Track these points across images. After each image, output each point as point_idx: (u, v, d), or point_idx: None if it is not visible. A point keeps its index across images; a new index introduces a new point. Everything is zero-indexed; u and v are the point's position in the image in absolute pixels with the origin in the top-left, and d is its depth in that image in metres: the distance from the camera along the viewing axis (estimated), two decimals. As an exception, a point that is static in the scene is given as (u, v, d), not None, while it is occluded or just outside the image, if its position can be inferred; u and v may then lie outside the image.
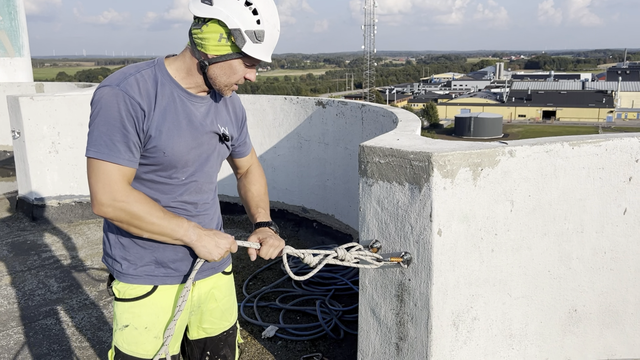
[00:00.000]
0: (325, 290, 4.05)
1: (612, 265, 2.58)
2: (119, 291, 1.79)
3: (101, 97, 1.60)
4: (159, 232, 1.66)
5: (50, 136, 5.73)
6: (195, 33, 1.65)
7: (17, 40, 10.45)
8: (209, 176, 1.85)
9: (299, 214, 5.63)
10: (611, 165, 2.47)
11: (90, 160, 1.61)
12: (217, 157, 1.86)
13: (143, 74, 1.66)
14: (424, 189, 2.14)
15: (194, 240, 1.70)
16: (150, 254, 1.76)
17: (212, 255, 1.74)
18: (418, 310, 2.26)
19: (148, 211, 1.63)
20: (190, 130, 1.72)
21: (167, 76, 1.69)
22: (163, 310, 1.79)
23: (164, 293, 1.79)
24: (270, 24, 1.64)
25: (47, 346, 3.39)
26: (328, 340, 3.45)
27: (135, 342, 1.78)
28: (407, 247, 2.25)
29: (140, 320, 1.77)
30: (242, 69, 1.69)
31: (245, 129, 2.01)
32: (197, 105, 1.75)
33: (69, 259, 4.83)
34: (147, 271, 1.77)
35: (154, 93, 1.65)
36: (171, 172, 1.72)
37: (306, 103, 5.35)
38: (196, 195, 1.81)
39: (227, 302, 2.01)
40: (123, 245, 1.77)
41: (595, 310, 2.62)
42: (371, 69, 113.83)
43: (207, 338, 1.98)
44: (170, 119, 1.67)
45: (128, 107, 1.59)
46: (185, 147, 1.71)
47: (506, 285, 2.38)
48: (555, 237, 2.44)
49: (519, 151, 2.28)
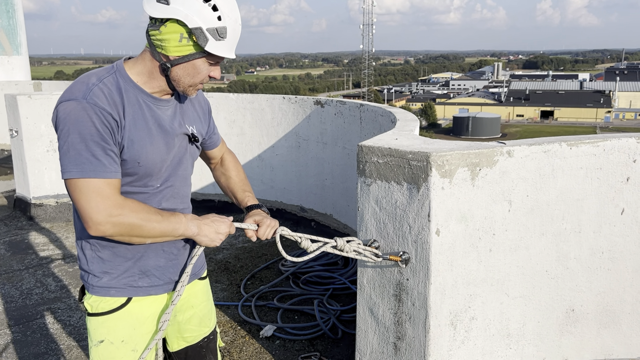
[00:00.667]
0: (323, 290, 4.05)
1: (609, 265, 2.59)
2: (90, 306, 1.72)
3: (69, 113, 1.51)
4: (160, 234, 1.62)
5: (48, 135, 5.72)
6: (154, 34, 1.57)
7: (15, 38, 10.43)
8: (184, 179, 1.81)
9: (297, 214, 5.63)
10: (609, 166, 2.48)
11: (73, 181, 1.51)
12: (189, 158, 1.82)
13: (106, 82, 1.57)
14: (422, 188, 2.14)
15: (196, 233, 1.68)
16: (133, 264, 1.72)
17: (214, 242, 1.72)
18: (416, 310, 2.27)
19: (146, 218, 1.58)
20: (162, 135, 1.67)
21: (130, 82, 1.62)
22: (138, 321, 1.74)
23: (139, 303, 1.74)
24: (231, 19, 1.58)
25: (44, 345, 3.38)
26: (326, 340, 3.45)
27: (112, 357, 1.73)
28: (405, 247, 2.25)
29: (115, 333, 1.71)
30: (206, 67, 1.63)
31: (212, 120, 1.96)
32: (163, 109, 1.69)
33: (67, 257, 4.83)
34: (129, 283, 1.72)
35: (121, 101, 1.58)
36: (146, 180, 1.67)
37: (304, 102, 5.35)
38: (174, 201, 1.77)
39: (205, 308, 1.96)
40: (102, 259, 1.70)
41: (593, 310, 2.62)
42: (369, 69, 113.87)
43: (188, 347, 1.93)
44: (141, 127, 1.61)
45: (101, 119, 1.51)
46: (159, 154, 1.66)
47: (504, 285, 2.39)
48: (553, 237, 2.45)
49: (517, 151, 2.28)
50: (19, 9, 10.53)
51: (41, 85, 9.28)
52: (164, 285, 1.78)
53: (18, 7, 10.47)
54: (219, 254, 4.87)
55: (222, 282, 4.31)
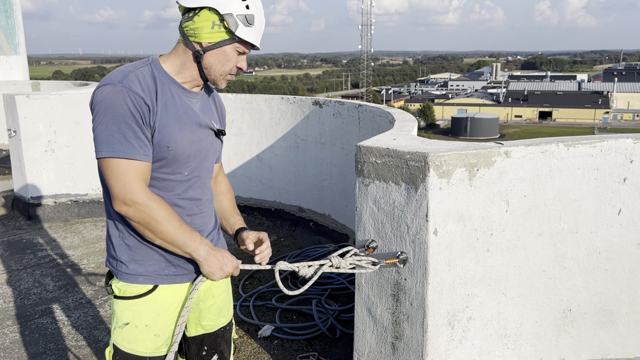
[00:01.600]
0: (322, 290, 4.06)
1: (606, 265, 2.60)
2: (119, 289, 1.79)
3: (105, 96, 1.61)
4: (171, 241, 1.67)
5: (47, 135, 5.72)
6: (187, 25, 1.69)
7: (14, 38, 10.42)
8: (209, 171, 1.88)
9: (295, 214, 5.63)
10: (606, 166, 2.49)
11: (105, 160, 1.61)
12: (214, 152, 1.89)
13: (142, 70, 1.68)
14: (420, 189, 2.15)
15: (202, 258, 1.73)
16: (159, 253, 1.78)
17: (214, 276, 1.76)
18: (414, 310, 2.27)
19: (166, 218, 1.65)
20: (190, 124, 1.75)
21: (164, 73, 1.72)
22: (163, 307, 1.80)
23: (165, 291, 1.80)
24: (258, 9, 1.71)
25: (43, 345, 3.38)
26: (324, 340, 3.45)
27: (135, 339, 1.79)
28: (403, 247, 2.26)
29: (141, 318, 1.78)
30: (235, 56, 1.73)
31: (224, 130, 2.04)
32: (193, 100, 1.78)
33: (65, 257, 4.83)
34: (157, 270, 1.78)
35: (154, 89, 1.67)
36: (174, 167, 1.73)
37: (303, 103, 5.36)
38: (200, 191, 1.83)
39: (224, 299, 2.03)
40: (129, 246, 1.76)
41: (590, 310, 2.63)
42: (368, 69, 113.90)
43: (205, 334, 2.00)
44: (172, 114, 1.70)
45: (134, 103, 1.60)
46: (187, 141, 1.73)
47: (501, 285, 2.40)
48: (550, 237, 2.46)
49: (514, 152, 2.29)
50: (18, 9, 10.52)
51: (39, 85, 9.27)
52: (189, 274, 1.83)
53: (16, 7, 10.47)
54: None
55: (220, 282, 4.32)
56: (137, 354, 1.80)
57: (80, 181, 5.92)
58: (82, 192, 5.96)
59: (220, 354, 2.05)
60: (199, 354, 2.02)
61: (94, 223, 5.80)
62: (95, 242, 5.20)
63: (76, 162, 5.85)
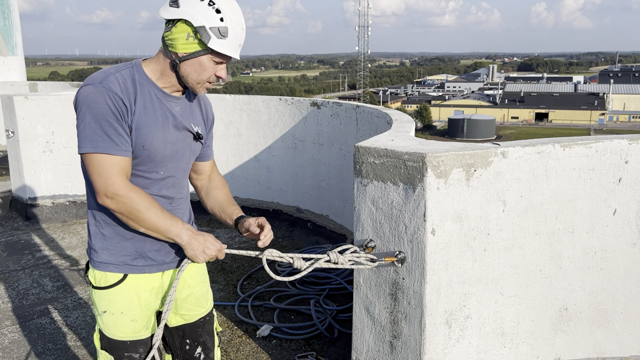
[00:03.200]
0: (320, 290, 4.08)
1: (602, 264, 2.62)
2: (94, 279, 1.90)
3: (86, 95, 1.71)
4: (154, 229, 1.78)
5: (45, 135, 5.73)
6: (166, 35, 1.78)
7: (11, 39, 10.42)
8: (185, 172, 1.97)
9: (293, 214, 5.65)
10: (601, 167, 2.51)
11: (88, 155, 1.72)
12: (191, 154, 1.97)
13: (122, 73, 1.78)
14: (418, 189, 2.17)
15: (185, 242, 1.82)
16: (132, 245, 1.88)
17: (198, 259, 1.84)
18: (412, 309, 2.29)
19: (148, 207, 1.75)
20: (167, 126, 1.84)
21: (145, 76, 1.82)
22: (136, 295, 1.91)
23: (135, 280, 1.90)
24: (233, 21, 1.76)
25: (41, 345, 3.39)
26: (322, 339, 3.47)
27: (114, 326, 1.91)
28: (401, 247, 2.28)
29: (115, 306, 1.89)
30: (212, 66, 1.80)
31: (211, 133, 2.12)
32: (172, 104, 1.87)
33: (63, 258, 4.83)
34: (126, 261, 1.89)
35: (134, 91, 1.77)
36: (150, 166, 1.84)
37: (301, 104, 5.38)
38: (173, 190, 1.93)
39: (201, 289, 2.10)
40: (104, 235, 1.88)
41: (586, 309, 2.66)
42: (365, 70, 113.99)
43: (185, 325, 2.08)
44: (149, 115, 1.80)
45: (114, 102, 1.71)
46: (162, 142, 1.83)
47: (498, 284, 2.42)
48: (546, 237, 2.48)
49: (511, 152, 2.31)
50: (15, 10, 10.51)
51: (37, 86, 9.27)
52: (158, 265, 1.94)
53: (14, 8, 10.46)
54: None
55: (218, 282, 4.33)
56: (119, 338, 1.92)
57: (78, 182, 5.92)
58: (80, 192, 5.96)
59: (204, 346, 2.11)
60: (182, 347, 2.10)
61: (92, 224, 5.81)
62: (93, 243, 5.21)
63: (74, 162, 5.85)
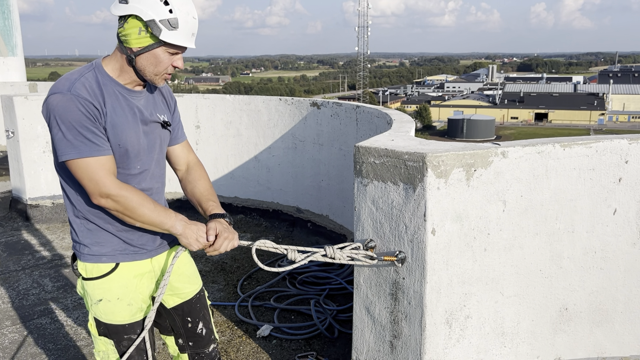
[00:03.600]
0: (320, 290, 4.08)
1: (602, 264, 2.62)
2: (85, 271, 1.97)
3: (56, 104, 1.75)
4: (149, 222, 1.86)
5: (45, 136, 5.73)
6: (120, 31, 1.84)
7: (11, 39, 10.42)
8: (158, 162, 2.05)
9: (293, 214, 5.65)
10: (601, 166, 2.52)
11: (73, 162, 1.77)
12: (162, 144, 2.05)
13: (87, 77, 1.82)
14: (418, 189, 2.18)
15: (179, 232, 1.90)
16: (117, 236, 1.96)
17: (192, 247, 1.93)
18: (412, 309, 2.30)
19: (141, 203, 1.83)
20: (137, 121, 1.91)
21: (107, 76, 1.87)
22: (129, 280, 1.99)
23: (127, 267, 1.99)
24: (182, 11, 1.80)
25: (42, 345, 3.39)
26: (322, 339, 3.47)
27: (111, 312, 1.99)
28: (402, 247, 2.28)
29: (111, 293, 1.97)
30: (168, 57, 1.85)
31: (176, 115, 2.16)
32: (137, 98, 1.94)
33: (63, 258, 4.83)
34: (118, 249, 1.97)
35: (100, 93, 1.82)
36: (127, 163, 1.91)
37: (301, 104, 5.38)
38: (150, 182, 2.01)
39: (190, 268, 2.22)
40: (90, 230, 1.95)
41: (586, 309, 2.66)
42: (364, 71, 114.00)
43: (183, 303, 2.17)
44: (119, 114, 1.86)
45: (86, 108, 1.76)
46: (136, 137, 1.90)
47: (498, 284, 2.42)
48: (546, 237, 2.48)
49: (511, 152, 2.32)
50: (15, 10, 10.51)
51: (37, 86, 9.27)
52: (147, 252, 2.03)
53: (14, 8, 10.46)
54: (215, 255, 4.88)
55: (218, 282, 4.33)
56: (117, 323, 2.00)
57: (78, 182, 5.92)
58: (80, 193, 5.96)
59: (204, 320, 2.23)
60: (184, 326, 2.19)
61: (91, 224, 5.81)
62: (93, 243, 5.21)
63: (74, 163, 5.85)
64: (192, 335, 2.21)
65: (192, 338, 2.21)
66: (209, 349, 2.26)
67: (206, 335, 2.23)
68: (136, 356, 2.06)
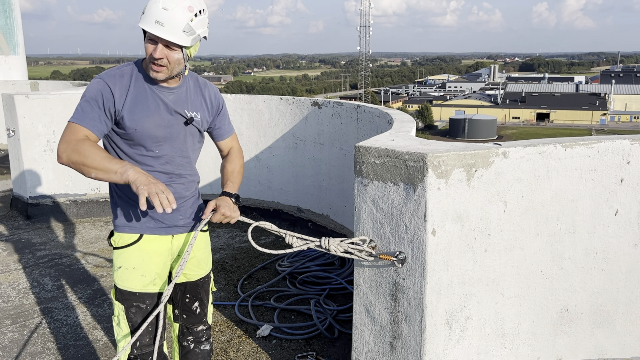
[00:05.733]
0: (320, 290, 4.07)
1: (603, 265, 2.61)
2: (114, 241, 2.24)
3: (89, 85, 2.10)
4: (102, 169, 1.96)
5: (46, 134, 5.73)
6: None
7: (12, 38, 10.41)
8: (180, 150, 2.22)
9: (294, 214, 5.64)
10: (603, 167, 2.51)
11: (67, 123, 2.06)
12: (186, 135, 2.23)
13: (122, 69, 2.12)
14: (419, 189, 2.17)
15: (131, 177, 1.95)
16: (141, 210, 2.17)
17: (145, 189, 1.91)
18: (412, 309, 2.29)
19: (92, 151, 1.97)
20: (158, 112, 2.13)
21: (142, 72, 2.13)
22: (147, 254, 2.22)
23: (148, 241, 2.22)
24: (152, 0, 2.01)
25: (42, 344, 3.39)
26: (322, 339, 3.47)
27: (126, 278, 2.21)
28: (402, 247, 2.27)
29: (129, 262, 2.21)
30: (150, 47, 2.04)
31: (222, 116, 2.40)
32: (166, 93, 2.15)
33: (64, 257, 4.83)
34: (141, 222, 2.20)
35: (128, 84, 2.09)
36: (147, 145, 2.14)
37: (302, 103, 5.37)
38: (168, 166, 2.20)
39: (203, 254, 2.41)
40: (118, 205, 2.22)
41: (587, 310, 2.65)
42: (366, 70, 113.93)
43: (187, 282, 2.39)
44: (141, 104, 2.10)
45: (103, 91, 2.05)
46: (153, 125, 2.11)
47: (499, 284, 2.41)
48: (547, 238, 2.47)
49: (512, 152, 2.30)
50: (17, 9, 10.51)
51: (38, 85, 9.26)
52: (168, 228, 2.24)
53: (15, 7, 10.45)
54: (216, 254, 4.88)
55: (219, 282, 4.32)
56: (129, 289, 2.22)
57: (79, 181, 5.92)
58: (81, 192, 5.96)
59: (200, 301, 2.43)
60: (182, 300, 2.41)
61: (92, 223, 5.80)
62: (93, 242, 5.21)
63: (75, 162, 5.85)
64: (187, 310, 2.42)
65: (186, 312, 2.43)
66: (197, 327, 2.46)
67: (199, 314, 2.44)
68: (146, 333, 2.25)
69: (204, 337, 2.49)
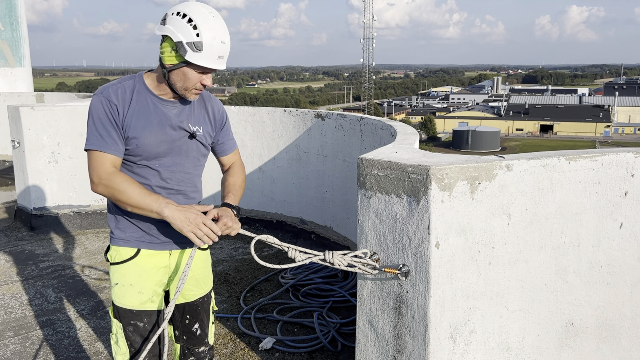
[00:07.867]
0: (323, 303, 4.05)
1: (608, 279, 2.59)
2: (111, 256, 2.22)
3: (92, 103, 2.08)
4: (137, 205, 2.01)
5: (50, 146, 5.75)
6: (160, 49, 2.07)
7: (18, 50, 10.51)
8: (182, 166, 2.20)
9: (297, 226, 5.64)
10: (607, 180, 2.50)
11: (87, 152, 2.07)
12: (189, 150, 2.21)
13: (123, 84, 2.11)
14: (422, 201, 2.16)
15: (168, 214, 2.00)
16: (137, 224, 2.16)
17: (185, 228, 2.00)
18: (416, 323, 2.27)
19: (128, 187, 2.01)
20: (161, 127, 2.11)
21: (143, 86, 2.13)
22: (144, 270, 2.19)
23: (145, 257, 2.19)
24: (208, 36, 1.98)
25: (43, 356, 3.38)
26: (325, 353, 3.44)
27: (123, 295, 2.19)
28: (405, 260, 2.26)
29: (126, 278, 2.18)
30: (196, 75, 2.05)
31: (225, 131, 2.38)
32: (169, 107, 2.14)
33: (67, 269, 4.83)
34: (136, 237, 2.17)
35: (129, 99, 2.08)
36: (148, 159, 2.12)
37: (305, 115, 5.39)
38: (170, 182, 2.18)
39: (202, 273, 2.36)
40: (116, 218, 2.20)
41: (592, 324, 2.63)
42: (370, 82, 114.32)
43: (186, 303, 2.34)
44: (143, 119, 2.09)
45: (109, 109, 2.04)
46: (155, 140, 2.10)
47: (503, 298, 2.39)
48: (552, 251, 2.46)
49: (516, 165, 2.30)
50: (23, 21, 10.62)
51: (43, 96, 9.33)
52: (164, 243, 2.21)
53: (22, 20, 10.56)
54: (218, 266, 4.87)
55: (221, 294, 4.31)
56: (126, 307, 2.19)
57: (83, 192, 5.93)
58: (85, 203, 5.98)
59: (201, 322, 2.38)
60: (182, 321, 2.37)
61: (95, 234, 5.81)
62: (97, 253, 5.21)
63: (79, 173, 5.87)
64: (187, 331, 2.38)
65: (187, 334, 2.38)
66: (199, 348, 2.41)
67: (200, 336, 2.40)
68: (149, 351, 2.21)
69: (206, 357, 2.44)
